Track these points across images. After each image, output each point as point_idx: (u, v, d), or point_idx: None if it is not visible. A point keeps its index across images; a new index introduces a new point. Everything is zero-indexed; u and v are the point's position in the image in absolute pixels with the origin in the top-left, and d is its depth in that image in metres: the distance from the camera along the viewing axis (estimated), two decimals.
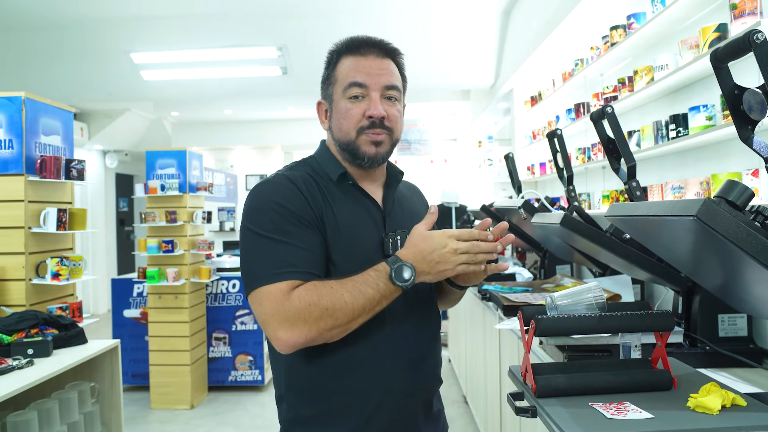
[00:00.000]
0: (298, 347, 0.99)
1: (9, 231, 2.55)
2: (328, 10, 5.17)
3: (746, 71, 1.74)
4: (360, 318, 1.00)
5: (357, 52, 1.13)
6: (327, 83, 1.16)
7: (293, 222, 1.04)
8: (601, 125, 1.68)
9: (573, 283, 2.51)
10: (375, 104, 1.10)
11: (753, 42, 0.90)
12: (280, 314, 0.98)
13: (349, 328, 1.01)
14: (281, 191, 1.08)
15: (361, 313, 1.00)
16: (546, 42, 3.85)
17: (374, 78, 1.11)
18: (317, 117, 1.22)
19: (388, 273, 1.00)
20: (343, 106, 1.12)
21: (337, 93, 1.13)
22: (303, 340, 0.98)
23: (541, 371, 1.13)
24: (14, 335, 2.09)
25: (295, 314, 0.97)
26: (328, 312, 0.97)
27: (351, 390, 1.07)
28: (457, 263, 1.00)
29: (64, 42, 5.56)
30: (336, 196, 1.12)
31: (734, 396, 1.00)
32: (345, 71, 1.12)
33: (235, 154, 9.37)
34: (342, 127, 1.12)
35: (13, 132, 2.56)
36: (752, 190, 0.92)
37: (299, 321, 0.97)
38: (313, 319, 0.97)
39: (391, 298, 1.02)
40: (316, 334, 0.98)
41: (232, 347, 4.49)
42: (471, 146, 7.47)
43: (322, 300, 0.98)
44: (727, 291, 1.23)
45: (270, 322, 0.99)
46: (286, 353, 1.01)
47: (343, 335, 1.02)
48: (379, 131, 1.11)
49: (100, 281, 7.79)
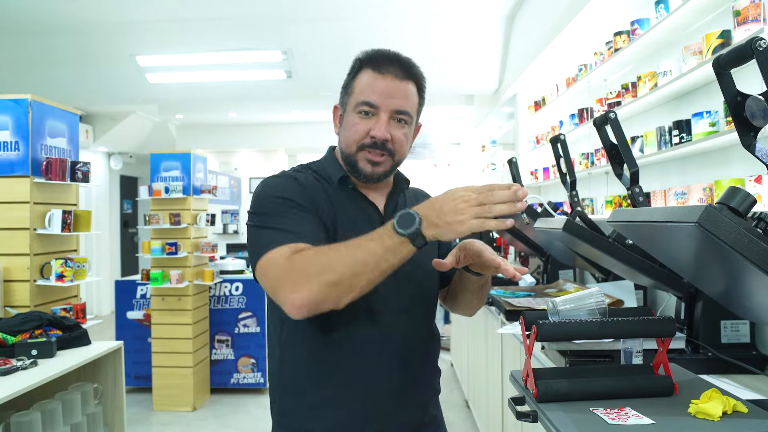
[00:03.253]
0: (306, 309, 0.95)
1: (14, 232, 2.56)
2: (333, 14, 5.19)
3: (749, 78, 1.74)
4: (364, 274, 0.93)
5: (377, 68, 1.12)
6: (345, 91, 1.16)
7: (295, 207, 1.06)
8: (605, 131, 1.68)
9: (575, 288, 2.51)
10: (381, 126, 1.10)
11: (756, 49, 0.90)
12: (284, 275, 0.96)
13: (356, 287, 0.94)
14: (284, 184, 1.11)
15: (364, 266, 0.93)
16: (550, 47, 3.86)
17: (386, 100, 1.10)
18: (321, 120, 1.24)
19: (392, 224, 0.93)
20: (351, 119, 1.13)
21: (350, 104, 1.14)
22: (308, 300, 0.94)
23: (543, 376, 1.13)
24: (18, 336, 2.10)
25: (295, 272, 0.95)
26: (325, 266, 0.94)
27: (342, 388, 1.09)
28: (471, 216, 0.88)
29: (70, 45, 5.59)
30: (337, 199, 1.13)
31: (735, 402, 1.00)
32: (361, 86, 1.12)
33: (239, 156, 9.39)
34: (346, 138, 1.14)
35: (20, 134, 2.57)
36: (755, 197, 0.92)
37: (302, 278, 0.94)
38: (314, 275, 0.93)
39: (398, 254, 0.93)
40: (318, 291, 0.93)
41: (235, 350, 4.49)
42: (475, 151, 7.47)
43: (320, 255, 0.95)
44: (730, 297, 1.23)
45: (276, 286, 0.98)
46: (298, 317, 0.97)
47: (351, 295, 0.95)
48: (380, 152, 1.11)
49: (104, 283, 7.81)
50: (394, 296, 1.11)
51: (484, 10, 5.21)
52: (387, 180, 1.20)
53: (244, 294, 4.49)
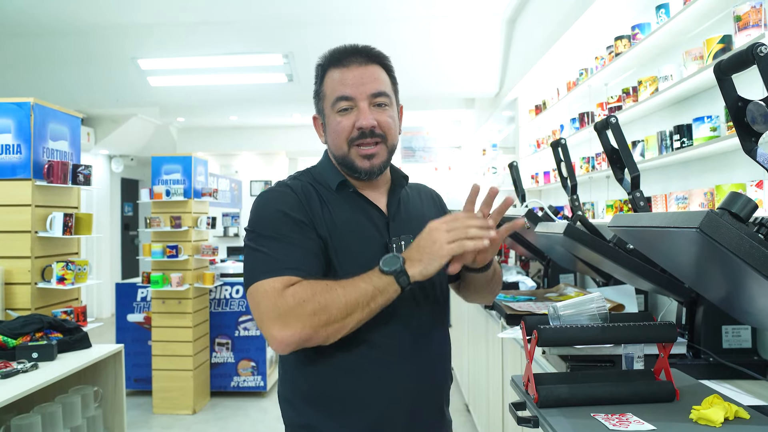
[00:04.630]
0: (293, 346, 0.97)
1: (16, 235, 2.57)
2: (334, 18, 5.20)
3: (750, 83, 1.74)
4: (355, 314, 0.97)
5: (340, 63, 1.12)
6: (317, 98, 1.17)
7: (291, 226, 1.05)
8: (605, 135, 1.68)
9: (576, 292, 2.51)
10: (364, 114, 1.09)
11: (757, 55, 0.90)
12: (274, 311, 0.96)
13: (345, 326, 0.98)
14: (281, 198, 1.09)
15: (355, 307, 0.96)
16: (551, 51, 3.86)
17: (359, 88, 1.10)
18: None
19: (380, 267, 0.98)
20: (333, 120, 1.12)
21: (327, 108, 1.13)
22: (297, 339, 0.96)
23: (544, 381, 1.13)
24: (19, 339, 2.10)
25: (288, 311, 0.95)
26: (321, 307, 0.95)
27: (357, 396, 1.07)
28: (446, 241, 0.97)
29: (72, 48, 5.61)
30: (336, 204, 1.12)
31: (737, 408, 1.00)
32: (332, 85, 1.12)
33: (240, 160, 9.40)
34: (335, 141, 1.13)
35: (22, 137, 2.58)
36: (756, 202, 0.92)
37: (292, 318, 0.95)
38: (307, 316, 0.95)
39: (386, 294, 0.98)
40: (310, 330, 0.95)
41: (235, 353, 4.49)
42: (475, 154, 7.47)
43: (315, 296, 0.96)
44: (731, 303, 1.23)
45: (264, 320, 0.98)
46: (283, 353, 1.00)
47: (340, 335, 0.98)
48: (370, 141, 1.10)
49: (105, 285, 7.82)
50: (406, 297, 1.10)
51: (485, 13, 5.22)
52: (385, 177, 1.19)
53: (244, 297, 4.46)
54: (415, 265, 0.98)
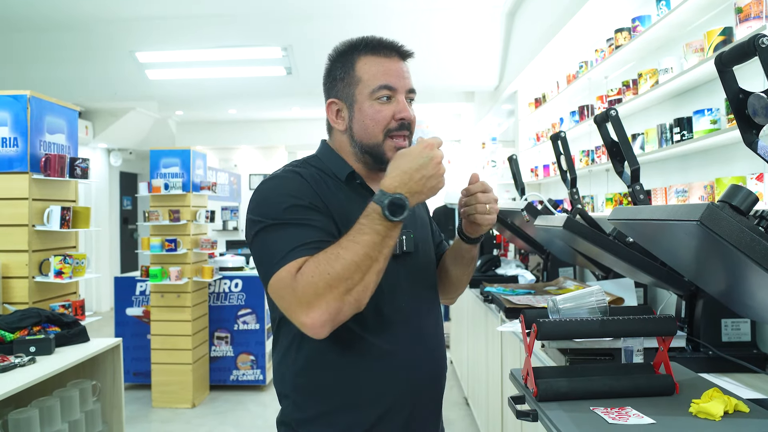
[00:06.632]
0: (327, 326, 0.93)
1: (13, 229, 2.56)
2: (333, 11, 5.18)
3: (751, 75, 1.73)
4: (372, 268, 0.94)
5: (378, 52, 1.11)
6: (344, 83, 1.12)
7: (302, 209, 1.02)
8: (605, 128, 1.67)
9: (576, 286, 2.50)
10: (404, 107, 1.10)
11: (758, 46, 0.89)
12: (294, 298, 0.93)
13: (369, 283, 0.95)
14: (290, 184, 1.06)
15: (369, 261, 0.94)
16: (550, 44, 3.84)
17: (402, 81, 1.10)
18: (321, 117, 1.21)
19: (380, 213, 0.95)
20: (371, 108, 1.09)
21: (361, 94, 1.10)
22: (327, 317, 0.92)
23: (543, 375, 1.13)
24: (17, 333, 2.10)
25: (305, 293, 0.92)
26: (331, 276, 0.92)
27: (361, 390, 1.06)
28: (441, 173, 0.99)
29: (69, 41, 5.58)
30: (344, 195, 1.11)
31: (737, 402, 1.00)
32: (372, 72, 1.09)
33: (239, 153, 9.39)
34: (369, 128, 1.10)
35: (18, 130, 2.57)
36: (756, 195, 0.91)
37: (313, 298, 0.91)
38: (325, 290, 0.91)
39: (393, 236, 0.96)
40: (335, 304, 0.92)
41: (234, 347, 4.49)
42: (475, 148, 7.46)
43: (320, 267, 0.92)
44: (731, 296, 1.22)
45: (290, 311, 0.95)
46: (321, 337, 0.95)
47: (369, 293, 0.96)
48: (405, 134, 1.11)
49: (103, 279, 7.81)
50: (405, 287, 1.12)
51: (484, 6, 5.20)
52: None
53: (243, 291, 4.49)
54: (417, 197, 0.98)
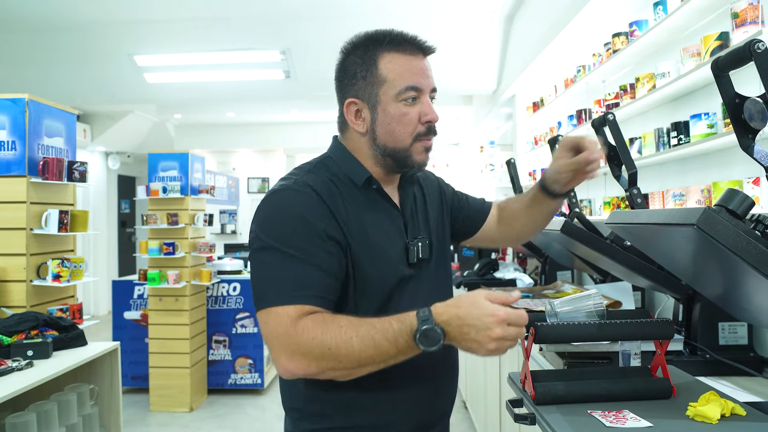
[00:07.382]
0: (298, 377, 0.94)
1: (10, 232, 2.55)
2: (332, 14, 5.18)
3: (747, 80, 1.74)
4: (368, 367, 0.91)
5: (404, 49, 1.03)
6: (365, 82, 1.04)
7: (313, 238, 0.97)
8: (603, 132, 1.68)
9: (573, 289, 2.50)
10: (430, 107, 1.04)
11: (754, 51, 0.90)
12: (284, 341, 0.92)
13: (354, 375, 0.93)
14: (303, 201, 1.00)
15: (370, 363, 0.91)
16: (548, 48, 3.85)
17: (427, 80, 1.04)
18: (320, 120, 1.20)
19: (413, 331, 0.88)
20: (397, 110, 1.03)
21: (386, 95, 1.03)
22: (302, 373, 0.92)
23: (541, 378, 1.13)
24: (14, 336, 2.09)
25: (297, 346, 0.90)
26: (330, 352, 0.89)
27: (377, 408, 1.06)
28: (489, 350, 0.87)
29: (68, 44, 5.58)
30: (359, 203, 1.05)
31: (734, 405, 1.00)
32: (397, 72, 1.02)
33: (238, 156, 9.38)
34: (396, 132, 1.04)
35: (16, 134, 2.57)
36: (753, 199, 0.91)
37: (299, 354, 0.90)
38: (314, 357, 0.90)
39: (408, 355, 0.90)
40: (316, 370, 0.91)
41: (232, 350, 4.48)
42: (473, 151, 7.47)
43: (325, 337, 0.89)
44: (728, 299, 1.22)
45: (274, 345, 0.94)
46: (287, 378, 0.96)
47: (350, 378, 0.93)
48: (432, 137, 1.07)
49: (101, 283, 7.79)
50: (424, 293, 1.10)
51: (483, 10, 5.21)
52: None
53: (241, 294, 4.48)
54: (449, 342, 0.90)
